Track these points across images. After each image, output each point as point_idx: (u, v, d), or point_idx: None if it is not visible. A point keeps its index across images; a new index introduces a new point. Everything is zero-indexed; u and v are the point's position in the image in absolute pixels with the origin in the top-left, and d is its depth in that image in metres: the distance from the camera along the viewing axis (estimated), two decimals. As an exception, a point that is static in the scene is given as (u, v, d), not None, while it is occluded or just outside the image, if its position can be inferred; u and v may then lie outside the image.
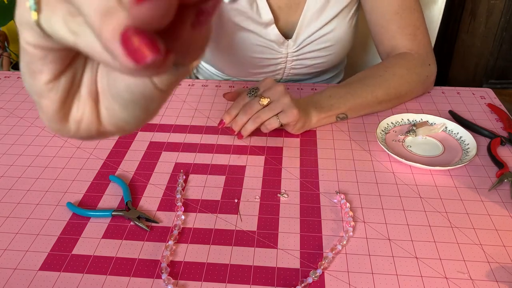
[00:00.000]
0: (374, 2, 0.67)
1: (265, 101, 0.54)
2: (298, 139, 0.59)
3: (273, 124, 0.55)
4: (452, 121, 0.61)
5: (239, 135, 0.57)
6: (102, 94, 0.20)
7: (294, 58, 0.73)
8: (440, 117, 0.61)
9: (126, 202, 0.48)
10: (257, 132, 0.61)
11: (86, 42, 0.16)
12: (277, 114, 0.55)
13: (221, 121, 0.57)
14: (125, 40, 0.14)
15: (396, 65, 0.64)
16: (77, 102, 0.21)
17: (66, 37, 0.17)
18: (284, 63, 0.74)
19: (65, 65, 0.20)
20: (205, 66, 0.84)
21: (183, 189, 0.51)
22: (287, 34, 0.71)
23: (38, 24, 0.17)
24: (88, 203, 0.49)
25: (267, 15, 0.67)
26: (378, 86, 0.62)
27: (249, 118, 0.55)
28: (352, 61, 0.99)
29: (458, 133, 0.59)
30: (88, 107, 0.21)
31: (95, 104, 0.21)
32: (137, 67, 0.15)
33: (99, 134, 0.21)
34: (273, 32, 0.69)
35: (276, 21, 0.69)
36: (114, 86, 0.19)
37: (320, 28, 0.70)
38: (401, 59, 0.65)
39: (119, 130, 0.21)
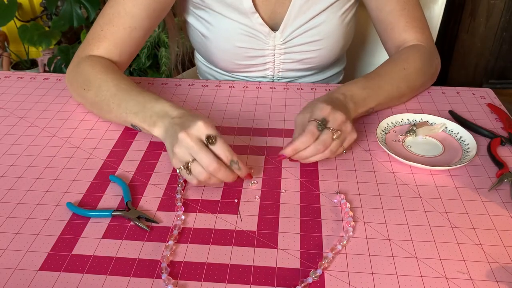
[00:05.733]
0: (380, 0, 0.67)
1: (338, 136, 0.51)
2: (298, 139, 0.59)
3: (338, 153, 0.53)
4: (452, 121, 0.61)
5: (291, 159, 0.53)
6: None
7: (282, 51, 0.73)
8: (440, 117, 0.61)
9: (126, 202, 0.48)
10: (257, 132, 0.61)
11: None
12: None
13: (281, 156, 0.51)
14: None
15: (414, 57, 0.65)
16: None
17: None
18: (272, 55, 0.73)
19: None
20: (202, 62, 0.84)
21: (183, 189, 0.51)
22: (274, 26, 0.71)
23: None
24: (88, 203, 0.49)
25: (247, 3, 0.67)
26: (402, 80, 0.63)
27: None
28: (352, 61, 0.99)
29: (458, 133, 0.59)
30: None
31: None
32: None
33: None
34: (257, 21, 0.69)
35: (263, 11, 0.69)
36: None
37: (308, 21, 0.70)
38: (417, 51, 0.66)
39: None
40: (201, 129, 0.46)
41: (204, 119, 0.47)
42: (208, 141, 0.46)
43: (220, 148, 0.47)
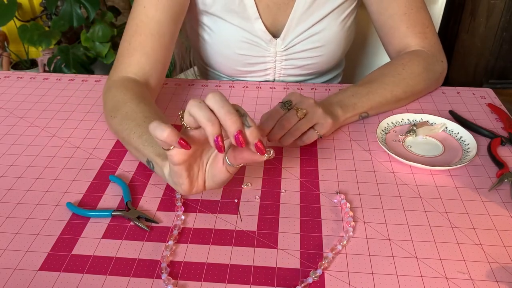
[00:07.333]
0: (381, 4, 0.67)
1: (302, 113, 0.52)
2: (298, 139, 0.59)
3: (312, 137, 0.54)
4: (452, 121, 0.61)
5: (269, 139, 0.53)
6: (207, 181, 0.44)
7: (283, 57, 0.73)
8: (440, 117, 0.61)
9: (126, 202, 0.48)
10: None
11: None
12: (313, 126, 0.54)
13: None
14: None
15: (412, 62, 0.64)
16: (196, 183, 0.43)
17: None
18: (273, 62, 0.73)
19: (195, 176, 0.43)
20: (202, 64, 0.85)
21: (183, 189, 0.51)
22: (275, 33, 0.71)
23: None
24: (88, 203, 0.49)
25: (251, 9, 0.67)
26: (397, 85, 0.62)
27: (286, 131, 0.53)
28: (351, 63, 0.99)
29: (458, 133, 0.59)
30: (200, 186, 0.43)
31: (203, 183, 0.43)
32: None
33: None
34: (259, 27, 0.69)
35: (264, 19, 0.69)
36: (214, 180, 0.43)
37: (309, 28, 0.70)
38: (417, 56, 0.65)
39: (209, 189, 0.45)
40: None
41: None
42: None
43: (209, 98, 0.37)
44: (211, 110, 0.36)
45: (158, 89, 0.66)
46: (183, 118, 0.38)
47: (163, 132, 0.36)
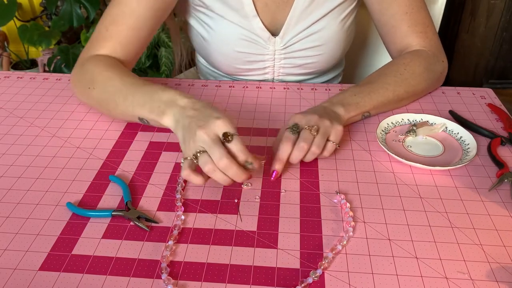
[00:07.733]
0: (382, 4, 0.67)
1: (315, 130, 0.52)
2: (298, 139, 0.59)
3: (332, 149, 0.53)
4: (452, 121, 0.61)
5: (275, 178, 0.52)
6: None
7: (282, 56, 0.73)
8: (440, 117, 0.61)
9: (126, 202, 0.48)
10: (257, 132, 0.61)
11: None
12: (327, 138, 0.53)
13: (274, 172, 0.51)
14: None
15: (413, 62, 0.64)
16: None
17: None
18: (272, 60, 0.73)
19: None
20: (202, 63, 0.85)
21: (183, 189, 0.51)
22: (274, 32, 0.71)
23: None
24: (88, 203, 0.49)
25: (248, 7, 0.67)
26: (399, 84, 0.62)
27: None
28: (351, 63, 0.99)
29: (458, 133, 0.59)
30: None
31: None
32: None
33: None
34: (257, 25, 0.69)
35: (263, 17, 0.69)
36: None
37: (308, 27, 0.70)
38: (418, 56, 0.65)
39: None
40: (219, 126, 0.46)
41: (223, 118, 0.47)
42: (225, 139, 0.46)
43: (235, 147, 0.46)
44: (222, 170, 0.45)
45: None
46: (197, 161, 0.46)
47: (198, 182, 0.46)
